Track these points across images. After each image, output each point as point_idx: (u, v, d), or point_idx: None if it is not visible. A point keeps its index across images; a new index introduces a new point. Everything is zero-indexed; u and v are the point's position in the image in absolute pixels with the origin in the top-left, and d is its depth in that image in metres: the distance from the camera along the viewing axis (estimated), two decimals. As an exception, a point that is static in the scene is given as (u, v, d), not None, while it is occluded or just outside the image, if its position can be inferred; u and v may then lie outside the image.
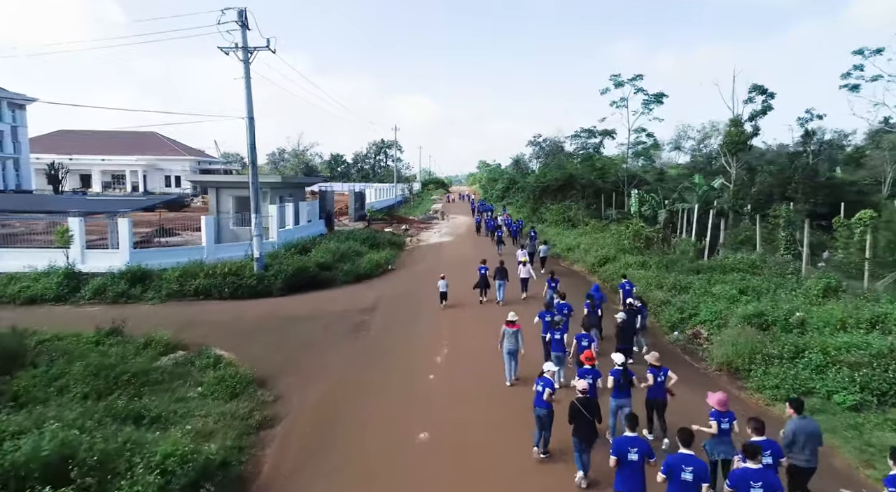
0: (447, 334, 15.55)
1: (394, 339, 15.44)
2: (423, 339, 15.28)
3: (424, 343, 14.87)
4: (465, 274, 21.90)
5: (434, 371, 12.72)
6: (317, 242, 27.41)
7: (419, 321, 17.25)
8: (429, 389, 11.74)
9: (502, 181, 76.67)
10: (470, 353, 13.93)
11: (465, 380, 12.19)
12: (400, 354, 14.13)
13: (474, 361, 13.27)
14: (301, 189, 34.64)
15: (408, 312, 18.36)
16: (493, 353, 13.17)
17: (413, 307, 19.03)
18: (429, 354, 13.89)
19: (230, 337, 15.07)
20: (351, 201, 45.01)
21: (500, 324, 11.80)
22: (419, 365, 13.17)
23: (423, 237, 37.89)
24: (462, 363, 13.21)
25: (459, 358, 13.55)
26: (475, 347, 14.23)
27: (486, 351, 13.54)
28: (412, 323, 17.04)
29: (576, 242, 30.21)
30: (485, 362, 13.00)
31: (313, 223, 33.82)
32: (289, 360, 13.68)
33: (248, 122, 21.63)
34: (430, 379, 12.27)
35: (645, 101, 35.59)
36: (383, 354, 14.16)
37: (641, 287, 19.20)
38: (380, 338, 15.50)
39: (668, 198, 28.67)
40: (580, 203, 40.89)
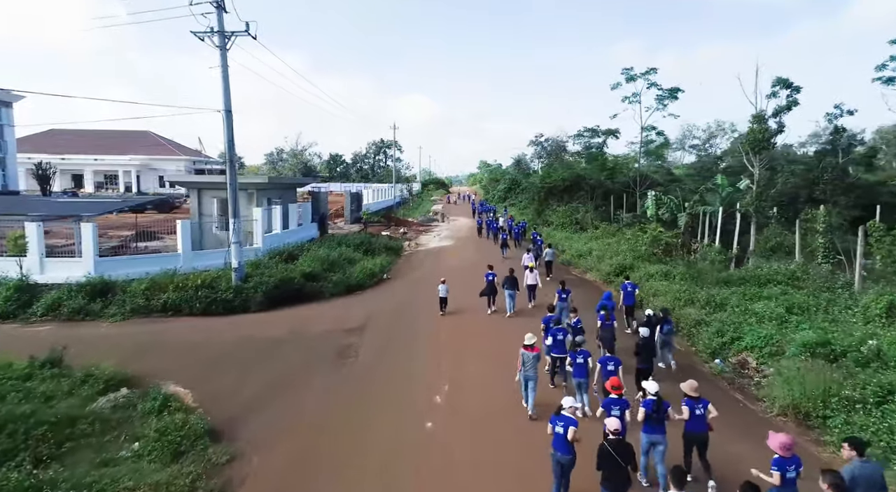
0: (448, 359, 13.16)
1: (385, 368, 13.01)
2: (420, 368, 12.87)
3: (421, 374, 12.46)
4: (466, 281, 19.85)
5: (433, 415, 10.31)
6: (307, 248, 25.00)
7: (416, 343, 14.84)
8: (425, 443, 9.35)
9: (504, 182, 74.34)
10: (476, 385, 11.57)
11: (470, 425, 9.81)
12: (391, 390, 11.71)
13: (482, 398, 10.92)
14: (292, 190, 32.24)
15: (403, 332, 15.95)
16: (502, 382, 10.91)
17: (409, 325, 16.63)
18: (426, 390, 11.48)
19: (192, 367, 12.67)
20: (347, 203, 42.61)
21: (507, 342, 9.66)
22: (415, 406, 10.76)
23: (422, 241, 35.49)
24: (467, 401, 10.82)
25: (464, 394, 11.16)
26: (481, 378, 11.88)
27: (494, 381, 11.27)
28: (408, 346, 14.63)
29: (586, 248, 27.79)
30: (494, 397, 10.72)
31: (304, 227, 31.42)
32: (257, 398, 11.26)
33: (224, 115, 19.23)
34: (428, 428, 9.87)
35: (658, 97, 33.20)
36: (371, 391, 11.73)
37: (669, 303, 16.81)
38: (368, 367, 13.07)
39: (688, 200, 26.26)
40: (588, 205, 38.48)
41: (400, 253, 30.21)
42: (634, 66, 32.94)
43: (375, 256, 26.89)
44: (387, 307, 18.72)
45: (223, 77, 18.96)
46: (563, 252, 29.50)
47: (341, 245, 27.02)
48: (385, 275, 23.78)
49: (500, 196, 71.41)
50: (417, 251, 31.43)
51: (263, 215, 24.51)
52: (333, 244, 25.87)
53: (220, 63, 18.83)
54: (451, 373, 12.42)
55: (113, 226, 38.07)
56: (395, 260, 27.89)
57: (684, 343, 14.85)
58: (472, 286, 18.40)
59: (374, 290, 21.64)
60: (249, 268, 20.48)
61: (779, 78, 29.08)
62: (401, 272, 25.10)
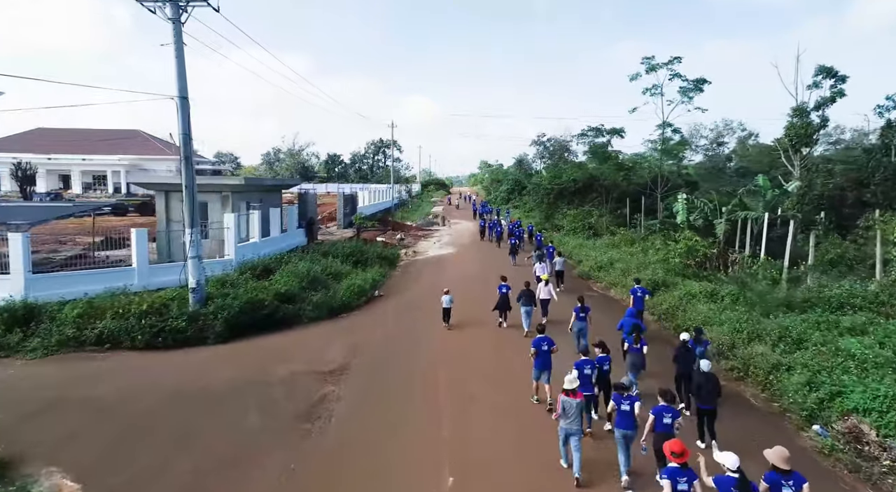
0: (452, 419, 9.69)
1: (364, 439, 9.47)
2: (414, 435, 9.39)
3: (414, 446, 9.00)
4: (473, 296, 17.82)
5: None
6: (287, 259, 21.48)
7: (410, 390, 11.37)
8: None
9: (507, 182, 70.90)
10: (493, 462, 8.13)
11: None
12: (370, 480, 8.21)
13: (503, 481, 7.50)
14: (275, 193, 28.76)
15: (393, 374, 12.45)
16: (531, 452, 7.89)
17: (401, 363, 13.15)
18: (421, 479, 8.02)
19: (101, 437, 9.19)
20: (340, 206, 39.10)
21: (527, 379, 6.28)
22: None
23: (420, 248, 32.00)
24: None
25: (475, 485, 7.71)
26: (498, 446, 8.42)
27: (518, 452, 7.87)
28: (399, 397, 11.13)
29: (606, 258, 24.31)
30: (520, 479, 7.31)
31: (289, 234, 27.92)
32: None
33: (179, 103, 15.73)
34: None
35: (682, 89, 29.66)
36: (342, 479, 8.25)
37: (727, 335, 13.35)
38: (343, 438, 9.54)
39: (724, 203, 22.75)
40: (602, 208, 35.01)
41: (396, 263, 26.71)
42: (655, 55, 29.47)
43: (368, 268, 23.43)
44: (375, 337, 15.21)
45: (177, 56, 15.46)
46: (578, 263, 26.02)
47: (328, 255, 23.53)
48: (377, 292, 20.27)
49: (502, 197, 68.01)
50: (415, 260, 27.94)
51: (237, 222, 21.00)
52: (318, 256, 22.32)
53: (174, 39, 15.34)
54: (455, 445, 8.95)
55: (85, 231, 34.67)
56: (389, 272, 24.39)
57: (756, 392, 11.39)
58: (480, 300, 17.08)
59: (363, 312, 18.12)
60: (213, 286, 16.99)
61: (821, 66, 25.72)
62: (396, 288, 21.58)
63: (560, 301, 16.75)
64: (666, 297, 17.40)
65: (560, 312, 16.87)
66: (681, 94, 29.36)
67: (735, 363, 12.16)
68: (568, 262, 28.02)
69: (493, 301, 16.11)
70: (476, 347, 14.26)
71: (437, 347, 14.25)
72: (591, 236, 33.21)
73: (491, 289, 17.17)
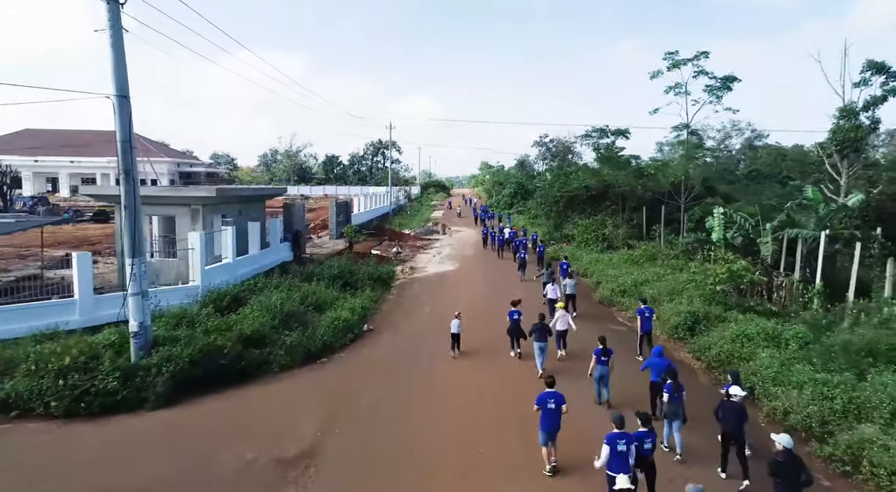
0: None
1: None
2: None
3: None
4: (477, 323, 15.96)
5: None
6: (264, 284, 18.35)
7: (405, 474, 8.28)
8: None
9: (510, 186, 67.61)
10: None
11: None
12: None
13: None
14: (257, 203, 25.61)
15: (382, 460, 9.31)
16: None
17: (394, 435, 10.02)
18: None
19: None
20: (332, 214, 35.96)
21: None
22: None
23: (419, 263, 28.86)
24: None
25: None
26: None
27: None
28: None
29: (629, 280, 21.15)
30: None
31: (272, 249, 24.80)
32: None
33: (116, 103, 12.57)
34: None
35: (710, 88, 26.44)
36: None
37: (813, 405, 10.24)
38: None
39: (767, 218, 19.57)
40: (617, 218, 31.86)
41: (391, 284, 23.56)
42: (679, 50, 26.30)
43: (357, 292, 20.31)
44: (360, 396, 12.03)
45: (113, 45, 12.31)
46: (597, 285, 22.86)
47: (311, 278, 20.40)
48: (366, 326, 17.10)
49: (505, 201, 64.77)
50: (413, 280, 24.78)
51: (204, 242, 17.85)
52: (299, 281, 19.07)
53: (109, 23, 12.22)
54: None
55: (61, 242, 31.44)
56: (382, 296, 21.23)
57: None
58: (489, 327, 16.04)
59: (349, 354, 14.94)
60: (165, 326, 13.85)
61: (871, 61, 22.56)
62: (389, 319, 18.41)
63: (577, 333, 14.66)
64: (714, 338, 14.23)
65: (576, 343, 14.72)
66: (708, 93, 26.16)
67: (836, 452, 9.02)
68: (582, 281, 24.97)
69: (503, 327, 14.78)
70: (486, 388, 11.36)
71: (439, 403, 11.22)
72: (605, 249, 30.09)
73: (500, 312, 15.91)
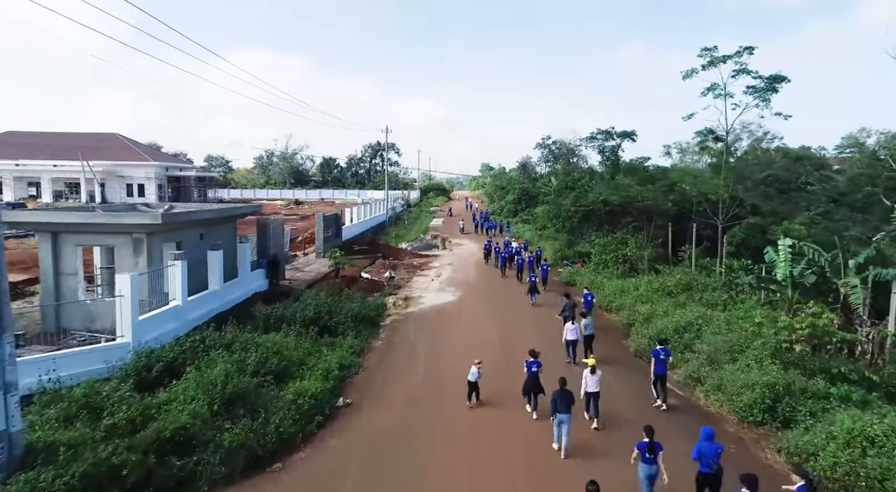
0: None
1: None
2: None
3: None
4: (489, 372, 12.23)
5: None
6: (212, 341, 14.28)
7: None
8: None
9: (513, 192, 63.48)
10: None
11: None
12: None
13: None
14: (226, 224, 21.54)
15: None
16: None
17: None
18: None
19: None
20: (318, 229, 31.93)
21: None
22: None
23: (414, 291, 24.80)
24: None
25: None
26: None
27: None
28: None
29: (670, 324, 17.11)
30: None
31: (240, 280, 20.76)
32: None
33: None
34: None
35: (754, 89, 22.30)
36: None
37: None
38: None
39: (845, 249, 15.53)
40: (640, 237, 27.78)
41: (379, 323, 19.53)
42: (718, 45, 22.18)
43: (336, 342, 16.28)
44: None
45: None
46: (628, 327, 18.80)
47: (280, 325, 16.37)
48: (342, 400, 13.01)
49: (509, 209, 60.65)
50: (407, 317, 20.71)
51: (134, 287, 13.76)
52: (257, 336, 14.82)
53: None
54: None
55: (14, 261, 27.20)
56: (367, 344, 17.18)
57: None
58: (503, 377, 13.82)
59: (311, 453, 10.81)
60: (57, 419, 9.82)
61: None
62: (373, 384, 14.31)
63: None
64: (818, 436, 10.16)
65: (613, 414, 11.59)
66: (753, 95, 22.01)
67: None
68: (605, 317, 20.95)
69: (516, 373, 13.09)
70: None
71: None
72: (626, 273, 26.06)
73: (514, 361, 14.21)
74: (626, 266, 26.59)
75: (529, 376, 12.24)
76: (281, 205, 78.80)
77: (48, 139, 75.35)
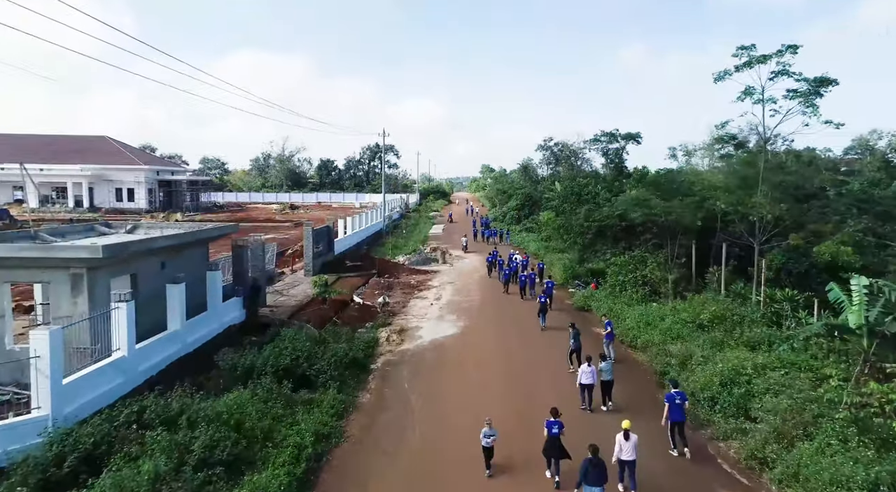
0: None
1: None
2: None
3: None
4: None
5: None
6: (159, 411, 11.39)
7: None
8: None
9: (517, 197, 60.52)
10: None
11: None
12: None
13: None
14: (194, 249, 18.61)
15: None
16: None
17: None
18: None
19: None
20: (307, 245, 29.01)
21: None
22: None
23: (411, 320, 21.91)
24: None
25: None
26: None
27: None
28: None
29: (711, 373, 14.21)
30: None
31: (210, 314, 17.87)
32: None
33: None
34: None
35: (794, 93, 19.33)
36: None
37: None
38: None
39: None
40: (661, 254, 24.87)
41: (369, 366, 16.63)
42: (756, 43, 19.24)
43: (316, 399, 13.39)
44: None
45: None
46: (661, 374, 15.86)
47: (248, 377, 13.48)
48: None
49: (512, 216, 57.69)
50: (402, 356, 17.78)
51: (56, 342, 10.83)
52: (205, 419, 11.54)
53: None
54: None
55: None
56: (354, 397, 14.25)
57: None
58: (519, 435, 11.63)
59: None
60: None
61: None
62: (359, 461, 11.40)
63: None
64: None
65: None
66: (800, 101, 18.96)
67: None
68: (631, 357, 18.09)
69: (530, 427, 11.84)
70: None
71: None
72: (647, 297, 23.19)
73: (529, 410, 13.09)
74: (646, 288, 23.70)
75: (550, 438, 10.46)
76: (275, 209, 75.87)
77: (33, 142, 72.40)
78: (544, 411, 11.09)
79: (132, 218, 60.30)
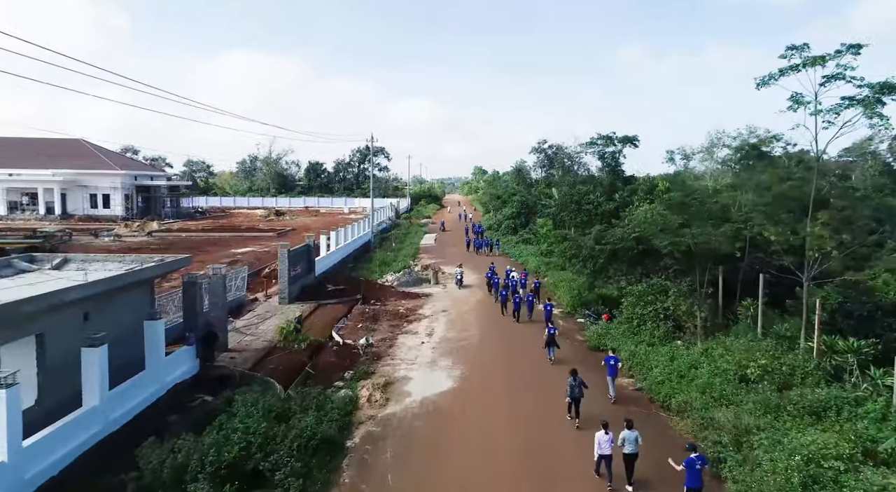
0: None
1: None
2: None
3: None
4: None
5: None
6: None
7: None
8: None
9: (512, 204, 57.20)
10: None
11: None
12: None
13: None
14: (135, 289, 15.08)
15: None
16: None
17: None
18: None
19: None
20: (282, 269, 25.44)
21: None
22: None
23: (398, 366, 18.43)
24: None
25: None
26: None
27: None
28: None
29: (781, 464, 10.92)
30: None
31: (150, 373, 14.33)
32: None
33: None
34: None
35: (853, 101, 16.12)
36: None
37: None
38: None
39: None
40: (683, 284, 21.60)
41: (345, 444, 13.14)
42: (809, 43, 15.99)
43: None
44: None
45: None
46: (714, 462, 12.44)
47: (181, 482, 10.01)
48: None
49: (508, 226, 54.37)
50: (387, 425, 14.27)
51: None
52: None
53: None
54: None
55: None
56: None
57: None
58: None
59: None
60: None
61: None
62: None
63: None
64: None
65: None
66: (863, 109, 15.72)
67: None
68: (666, 420, 14.81)
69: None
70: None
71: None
72: (669, 334, 19.95)
73: None
74: (668, 324, 20.44)
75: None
76: (260, 216, 71.96)
77: (3, 145, 68.04)
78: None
79: (106, 225, 56.35)
